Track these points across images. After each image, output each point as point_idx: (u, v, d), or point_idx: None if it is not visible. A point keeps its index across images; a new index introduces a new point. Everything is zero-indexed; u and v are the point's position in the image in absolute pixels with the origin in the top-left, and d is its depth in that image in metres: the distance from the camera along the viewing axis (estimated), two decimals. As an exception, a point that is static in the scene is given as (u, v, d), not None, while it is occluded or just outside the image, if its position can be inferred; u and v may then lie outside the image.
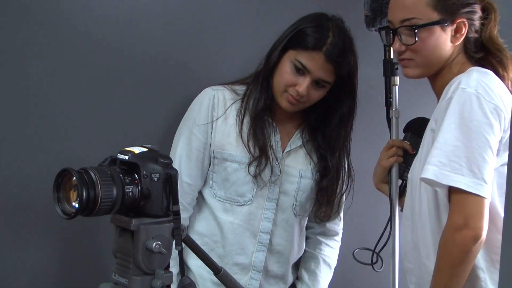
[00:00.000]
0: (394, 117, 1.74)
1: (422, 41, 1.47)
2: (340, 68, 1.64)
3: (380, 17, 1.74)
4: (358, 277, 2.19)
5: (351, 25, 1.73)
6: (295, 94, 1.63)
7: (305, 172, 1.76)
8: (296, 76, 1.63)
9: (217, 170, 1.71)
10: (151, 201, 1.14)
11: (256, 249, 1.73)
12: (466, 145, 1.33)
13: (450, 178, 1.33)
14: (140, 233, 1.12)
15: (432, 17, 1.46)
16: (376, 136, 1.95)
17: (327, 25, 1.64)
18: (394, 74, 1.76)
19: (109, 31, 1.78)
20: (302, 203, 1.77)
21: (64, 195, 1.10)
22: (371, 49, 1.80)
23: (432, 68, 1.51)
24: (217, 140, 1.70)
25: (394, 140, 1.70)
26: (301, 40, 1.63)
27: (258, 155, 1.67)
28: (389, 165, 1.67)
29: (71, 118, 1.73)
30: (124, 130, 1.81)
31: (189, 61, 1.90)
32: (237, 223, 1.71)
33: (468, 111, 1.35)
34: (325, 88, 1.68)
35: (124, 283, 1.14)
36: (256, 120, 1.69)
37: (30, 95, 1.68)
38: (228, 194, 1.71)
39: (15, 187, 1.68)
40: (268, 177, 1.69)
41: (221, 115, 1.70)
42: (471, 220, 1.32)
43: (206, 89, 1.74)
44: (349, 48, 1.66)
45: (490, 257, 1.41)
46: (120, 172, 1.12)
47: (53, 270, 1.76)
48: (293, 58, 1.63)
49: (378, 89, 1.79)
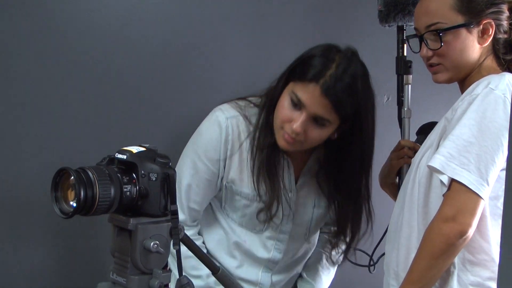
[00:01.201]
0: (405, 117, 1.71)
1: (448, 44, 1.46)
2: (340, 106, 1.44)
3: (394, 12, 1.72)
4: (355, 277, 2.17)
5: (362, 21, 1.69)
6: (290, 131, 1.47)
7: (318, 201, 1.67)
8: (292, 111, 1.47)
9: (229, 199, 1.64)
10: (149, 200, 1.14)
11: (262, 271, 1.70)
12: (480, 144, 1.33)
13: (455, 172, 1.32)
14: (138, 232, 1.12)
15: (456, 20, 1.45)
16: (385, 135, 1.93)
17: (333, 57, 1.46)
18: (407, 73, 1.73)
19: (109, 30, 1.80)
20: (315, 229, 1.73)
21: (62, 194, 1.10)
22: (379, 46, 1.77)
23: (461, 71, 1.50)
24: (230, 175, 1.60)
25: (405, 141, 1.68)
26: (302, 71, 1.46)
27: (269, 204, 1.57)
28: (399, 166, 1.65)
29: (69, 117, 1.75)
30: (122, 129, 1.82)
31: (189, 61, 1.91)
32: (247, 247, 1.67)
33: (491, 111, 1.34)
34: (327, 128, 1.49)
35: (122, 282, 1.14)
36: (266, 162, 1.55)
37: (29, 95, 1.71)
38: (240, 220, 1.66)
39: (13, 186, 1.70)
40: (279, 221, 1.62)
41: (236, 152, 1.58)
42: (461, 215, 1.32)
43: (218, 114, 1.58)
44: (354, 85, 1.46)
45: (463, 255, 1.41)
46: (118, 171, 1.12)
47: (51, 269, 1.78)
48: (291, 91, 1.47)
49: (382, 88, 1.75)
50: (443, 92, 1.60)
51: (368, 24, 2.09)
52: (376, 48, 2.06)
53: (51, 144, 1.72)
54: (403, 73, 1.74)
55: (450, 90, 1.60)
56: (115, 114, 1.81)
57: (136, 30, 1.82)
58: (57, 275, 1.78)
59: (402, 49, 1.75)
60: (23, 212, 1.72)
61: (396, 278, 1.52)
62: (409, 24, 1.72)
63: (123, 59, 1.81)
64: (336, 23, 2.10)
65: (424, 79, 1.57)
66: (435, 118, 1.64)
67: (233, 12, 1.96)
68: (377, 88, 1.55)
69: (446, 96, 1.58)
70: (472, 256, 1.41)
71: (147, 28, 1.83)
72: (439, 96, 1.67)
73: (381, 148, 1.78)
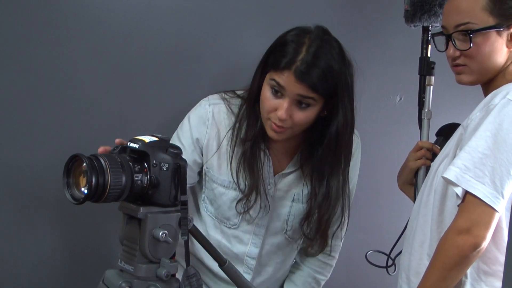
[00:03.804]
0: (425, 118, 1.69)
1: (477, 46, 1.43)
2: (317, 87, 1.43)
3: (420, 12, 1.70)
4: (371, 279, 2.16)
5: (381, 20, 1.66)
6: (277, 120, 1.46)
7: (298, 195, 1.63)
8: (275, 99, 1.46)
9: (208, 187, 1.64)
10: (159, 190, 1.15)
11: (243, 271, 1.66)
12: (496, 156, 1.31)
13: (470, 184, 1.31)
14: (147, 221, 1.13)
15: (488, 22, 1.42)
16: (393, 136, 1.91)
17: (303, 41, 1.44)
18: (430, 74, 1.71)
19: (119, 22, 1.80)
20: (295, 227, 1.65)
21: (73, 180, 1.11)
22: (396, 46, 1.75)
23: (486, 74, 1.47)
24: (209, 161, 1.61)
25: (424, 142, 1.66)
26: (274, 60, 1.46)
27: (247, 193, 1.56)
28: (416, 167, 1.64)
29: (83, 106, 1.77)
30: (135, 119, 1.83)
31: (200, 55, 1.89)
32: (224, 244, 1.65)
33: (508, 123, 1.31)
34: (312, 108, 1.47)
35: (129, 270, 1.15)
36: (247, 153, 1.55)
37: (46, 85, 1.72)
38: (216, 213, 1.65)
39: (24, 174, 1.72)
40: (256, 214, 1.59)
41: (214, 137, 1.59)
42: (476, 228, 1.30)
43: (202, 101, 1.62)
44: (327, 59, 1.43)
45: (478, 265, 1.39)
46: (129, 160, 1.13)
47: (60, 256, 1.80)
48: (269, 81, 1.47)
49: (395, 88, 1.74)
50: (465, 94, 1.57)
51: (386, 23, 2.07)
52: (392, 49, 2.03)
53: (64, 132, 1.74)
54: (425, 74, 1.71)
55: (472, 92, 1.57)
56: (128, 104, 1.82)
57: (147, 24, 1.83)
58: (66, 261, 1.80)
59: (426, 50, 1.73)
60: (34, 200, 1.74)
61: (407, 282, 1.51)
62: (434, 25, 1.70)
63: (136, 50, 1.81)
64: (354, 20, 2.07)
65: (446, 80, 1.55)
66: (455, 120, 1.62)
67: (242, 6, 1.93)
68: (390, 88, 1.53)
69: (468, 98, 1.55)
70: (487, 266, 1.39)
71: (158, 21, 1.84)
72: (461, 98, 1.65)
73: (399, 148, 1.77)
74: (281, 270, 1.73)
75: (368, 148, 1.89)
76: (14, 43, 1.70)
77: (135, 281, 1.14)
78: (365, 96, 2.02)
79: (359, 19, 2.06)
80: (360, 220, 2.13)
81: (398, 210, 1.93)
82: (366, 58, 2.05)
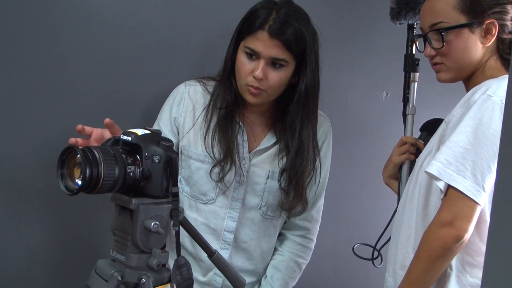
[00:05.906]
0: (410, 113, 1.72)
1: (449, 44, 1.47)
2: (289, 43, 1.54)
3: (405, 10, 1.73)
4: (357, 272, 2.19)
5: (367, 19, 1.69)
6: (254, 82, 1.56)
7: (273, 173, 1.69)
8: (250, 63, 1.57)
9: (184, 166, 1.69)
10: (151, 182, 1.18)
11: (220, 247, 1.70)
12: (477, 150, 1.34)
13: (452, 178, 1.34)
14: (139, 212, 1.16)
15: (459, 20, 1.46)
16: (379, 131, 1.94)
17: (272, 6, 1.58)
18: (414, 70, 1.75)
19: (115, 14, 1.80)
20: (269, 203, 1.71)
21: (68, 172, 1.14)
22: (383, 44, 1.78)
23: (464, 71, 1.51)
24: (185, 137, 1.68)
25: (408, 137, 1.69)
26: (248, 26, 1.58)
27: (222, 159, 1.62)
28: (400, 162, 1.67)
29: (76, 99, 1.77)
30: (128, 112, 1.84)
31: (194, 48, 1.91)
32: (200, 221, 1.68)
33: (488, 118, 1.35)
34: (285, 68, 1.58)
35: (121, 260, 1.18)
36: (222, 123, 1.64)
37: (34, 78, 1.72)
38: (192, 191, 1.69)
39: (17, 165, 1.72)
40: (231, 181, 1.65)
41: (189, 113, 1.68)
42: (459, 220, 1.33)
43: (179, 85, 1.72)
44: (296, 21, 1.56)
45: (462, 256, 1.43)
46: (122, 152, 1.16)
47: (52, 246, 1.81)
48: (243, 48, 1.58)
49: (382, 84, 1.77)
50: (449, 91, 1.61)
51: (373, 21, 2.11)
52: (379, 46, 2.07)
53: (57, 124, 1.74)
54: (410, 71, 1.75)
55: (455, 88, 1.61)
56: (121, 97, 1.83)
57: (143, 19, 1.83)
58: (58, 251, 1.81)
59: (411, 47, 1.76)
60: (27, 191, 1.75)
61: (393, 275, 1.55)
62: (419, 23, 1.74)
63: (130, 42, 1.81)
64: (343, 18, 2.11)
65: (430, 76, 1.59)
66: (438, 116, 1.66)
67: (236, 4, 1.95)
68: (377, 84, 1.57)
69: (451, 95, 1.59)
70: (471, 258, 1.43)
71: (153, 17, 1.85)
72: (444, 95, 1.68)
73: (384, 143, 1.80)
74: (258, 249, 1.75)
75: (354, 142, 1.93)
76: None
77: (127, 270, 1.17)
78: (353, 91, 2.08)
79: (347, 17, 2.10)
80: (346, 214, 2.17)
81: (383, 204, 1.97)
82: (354, 55, 2.10)
